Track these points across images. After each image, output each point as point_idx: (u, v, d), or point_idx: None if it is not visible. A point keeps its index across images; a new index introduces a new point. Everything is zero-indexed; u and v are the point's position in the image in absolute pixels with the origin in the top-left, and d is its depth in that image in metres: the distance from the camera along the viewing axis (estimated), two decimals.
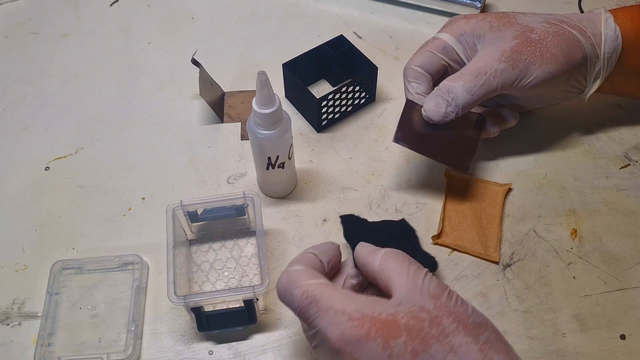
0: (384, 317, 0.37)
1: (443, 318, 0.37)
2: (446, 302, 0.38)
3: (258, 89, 0.48)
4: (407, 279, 0.39)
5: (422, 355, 0.35)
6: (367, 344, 0.36)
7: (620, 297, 0.52)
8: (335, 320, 0.37)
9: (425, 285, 0.39)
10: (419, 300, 0.38)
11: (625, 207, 0.58)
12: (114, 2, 0.78)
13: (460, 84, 0.51)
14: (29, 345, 0.50)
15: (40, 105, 0.67)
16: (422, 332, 0.36)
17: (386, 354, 0.36)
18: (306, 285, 0.40)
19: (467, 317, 0.37)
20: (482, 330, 0.37)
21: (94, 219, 0.58)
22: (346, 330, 0.37)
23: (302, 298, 0.39)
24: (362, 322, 0.37)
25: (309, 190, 0.60)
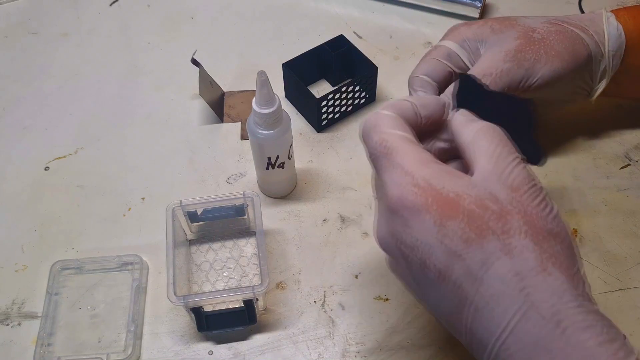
0: (448, 194, 0.34)
1: (512, 214, 0.34)
2: (525, 198, 0.34)
3: (258, 88, 0.48)
4: (492, 162, 0.36)
5: (474, 246, 0.33)
6: (421, 214, 0.34)
7: (621, 297, 0.52)
8: (400, 180, 0.36)
9: (508, 173, 0.35)
10: (494, 188, 0.35)
11: (626, 207, 0.58)
12: (114, 2, 0.78)
13: None
14: (29, 345, 0.50)
15: (40, 105, 0.67)
16: (482, 222, 0.33)
17: (438, 232, 0.34)
18: (386, 134, 0.37)
19: (542, 222, 0.34)
20: (553, 240, 0.34)
21: (93, 219, 0.58)
22: (406, 195, 0.35)
23: (377, 145, 0.37)
24: (424, 191, 0.35)
25: (309, 190, 0.60)
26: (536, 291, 0.32)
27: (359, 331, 0.51)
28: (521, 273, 0.33)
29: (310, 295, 0.53)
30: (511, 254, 0.33)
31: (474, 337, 0.34)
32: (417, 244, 0.35)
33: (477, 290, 0.33)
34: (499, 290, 0.33)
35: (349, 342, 0.50)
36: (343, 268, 0.54)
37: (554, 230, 0.34)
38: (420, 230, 0.35)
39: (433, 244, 0.34)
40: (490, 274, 0.33)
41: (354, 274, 0.54)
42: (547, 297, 0.32)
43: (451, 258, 0.34)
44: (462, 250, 0.33)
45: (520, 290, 0.32)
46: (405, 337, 0.50)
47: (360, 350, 0.50)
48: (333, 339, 0.50)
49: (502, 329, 0.33)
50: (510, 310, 0.32)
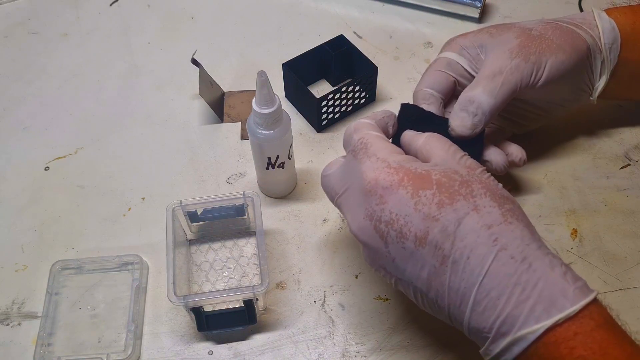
0: (419, 171, 0.40)
1: (473, 183, 0.40)
2: (479, 174, 0.41)
3: (258, 88, 0.48)
4: (446, 153, 0.43)
5: (447, 207, 0.38)
6: (397, 190, 0.39)
7: (621, 297, 0.52)
8: (374, 165, 0.41)
9: (462, 159, 0.42)
10: (454, 166, 0.41)
11: (626, 207, 0.58)
12: (114, 2, 0.78)
13: (480, 90, 0.50)
14: (29, 345, 0.50)
15: (40, 105, 0.67)
16: (451, 189, 0.39)
17: (413, 202, 0.39)
18: (365, 133, 0.44)
19: (496, 189, 0.40)
20: (507, 201, 0.39)
21: (93, 219, 0.58)
22: (381, 175, 0.40)
23: (357, 142, 0.43)
24: (397, 170, 0.40)
25: (309, 190, 0.60)
26: (503, 237, 0.37)
27: (359, 331, 0.51)
28: (488, 224, 0.38)
29: (310, 295, 0.53)
30: (478, 210, 0.38)
31: (455, 293, 0.38)
32: (394, 217, 0.39)
33: (453, 245, 0.38)
34: (472, 241, 0.37)
35: (349, 342, 0.50)
36: (343, 268, 0.54)
37: (505, 195, 0.40)
38: (397, 203, 0.39)
39: (409, 212, 0.39)
40: (462, 228, 0.38)
41: (354, 274, 0.54)
42: (513, 241, 0.37)
43: (427, 221, 0.38)
44: (436, 212, 0.38)
45: (490, 238, 0.37)
46: (405, 337, 0.50)
47: (360, 350, 0.50)
48: (333, 339, 0.50)
49: (478, 274, 0.37)
50: (484, 256, 0.37)
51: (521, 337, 0.36)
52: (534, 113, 0.57)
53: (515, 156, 0.54)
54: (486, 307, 0.37)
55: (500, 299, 0.36)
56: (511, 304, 0.36)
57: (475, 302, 0.37)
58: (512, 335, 0.36)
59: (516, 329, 0.36)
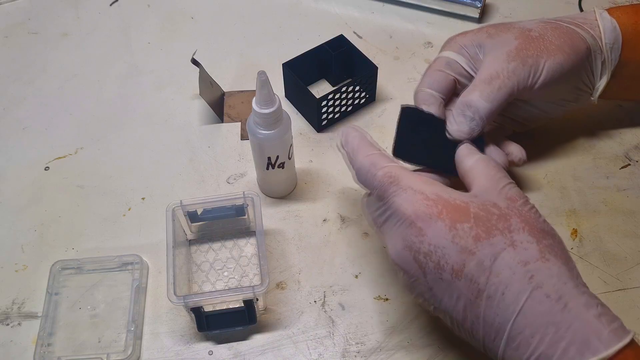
0: (457, 202, 0.40)
1: (512, 217, 0.40)
2: (520, 206, 0.40)
3: (258, 88, 0.48)
4: (489, 182, 0.42)
5: (484, 242, 0.38)
6: (436, 222, 0.40)
7: (621, 297, 0.52)
8: (412, 198, 0.41)
9: (504, 189, 0.42)
10: (494, 199, 0.41)
11: (626, 207, 0.58)
12: (114, 2, 0.78)
13: (477, 94, 0.50)
14: (29, 345, 0.50)
15: (40, 105, 0.67)
16: (488, 223, 0.39)
17: (451, 234, 0.39)
18: (389, 167, 0.43)
19: (536, 223, 0.40)
20: (547, 236, 0.39)
21: (93, 219, 0.58)
22: (420, 207, 0.40)
23: (384, 178, 0.43)
24: (435, 202, 0.40)
25: (309, 190, 0.60)
26: (539, 275, 0.37)
27: (359, 331, 0.51)
28: (525, 261, 0.38)
29: (310, 295, 0.53)
30: (515, 246, 0.38)
31: (490, 327, 0.38)
32: (432, 249, 0.40)
33: (489, 280, 0.38)
34: (508, 277, 0.37)
35: (349, 342, 0.50)
36: (343, 268, 0.54)
37: (546, 229, 0.40)
38: (435, 235, 0.39)
39: (447, 245, 0.39)
40: (498, 263, 0.38)
41: (354, 274, 0.54)
42: (549, 279, 0.37)
43: (464, 255, 0.39)
44: (473, 246, 0.38)
45: (526, 275, 0.37)
46: (405, 337, 0.50)
47: (360, 350, 0.50)
48: (333, 339, 0.50)
49: (512, 311, 0.37)
50: (519, 293, 0.37)
51: None
52: (534, 112, 0.57)
53: (515, 156, 0.54)
54: (520, 343, 0.37)
55: (534, 337, 0.36)
56: (545, 344, 0.36)
57: (509, 338, 0.37)
58: None
59: None
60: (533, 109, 0.57)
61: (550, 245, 0.39)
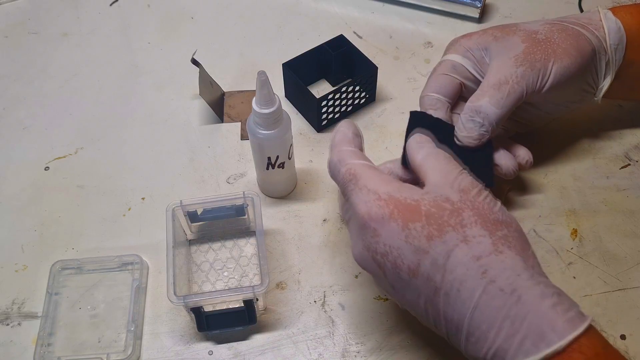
0: (408, 201, 0.40)
1: (464, 210, 0.39)
2: (473, 197, 0.40)
3: (258, 88, 0.48)
4: (441, 175, 0.42)
5: (436, 240, 0.38)
6: (389, 222, 0.40)
7: (621, 297, 0.52)
8: (365, 198, 0.41)
9: (457, 180, 0.41)
10: (446, 192, 0.40)
11: (626, 207, 0.58)
12: (114, 2, 0.78)
13: (486, 100, 0.50)
14: (29, 345, 0.50)
15: (40, 105, 0.67)
16: (440, 220, 0.39)
17: (404, 234, 0.39)
18: (351, 164, 0.43)
19: (490, 213, 0.39)
20: (501, 227, 0.39)
21: (93, 219, 0.58)
22: (372, 208, 0.40)
23: (345, 174, 0.43)
24: (387, 203, 0.40)
25: (309, 190, 0.60)
26: (492, 269, 0.37)
27: (359, 331, 0.51)
28: (477, 256, 0.38)
29: (310, 295, 0.53)
30: (468, 241, 0.38)
31: (450, 322, 0.38)
32: (388, 249, 0.40)
33: (444, 277, 0.38)
34: (462, 274, 0.37)
35: (349, 342, 0.50)
36: (343, 268, 0.54)
37: (501, 219, 0.40)
38: (389, 236, 0.40)
39: (401, 245, 0.39)
40: (452, 261, 0.38)
41: (354, 274, 0.54)
42: (502, 272, 0.37)
43: (418, 254, 0.39)
44: (426, 245, 0.38)
45: (479, 270, 0.37)
46: (405, 337, 0.50)
47: (360, 350, 0.50)
48: (333, 339, 0.50)
49: (468, 307, 0.37)
50: (474, 289, 0.37)
51: None
52: (538, 114, 0.57)
53: (522, 158, 0.54)
54: (478, 338, 0.37)
55: (490, 332, 0.37)
56: (501, 338, 0.36)
57: (468, 333, 0.38)
58: None
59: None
60: (537, 110, 0.56)
61: (505, 236, 0.38)
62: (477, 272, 0.37)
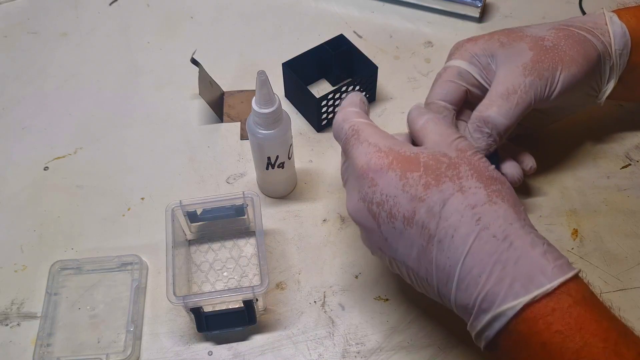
0: (407, 154, 0.41)
1: (461, 165, 0.40)
2: (470, 156, 0.41)
3: (258, 88, 0.48)
4: (440, 136, 0.43)
5: (433, 189, 0.39)
6: (387, 172, 0.41)
7: (621, 297, 0.52)
8: (365, 150, 0.42)
9: (455, 142, 0.42)
10: (445, 149, 0.42)
11: (626, 207, 0.58)
12: (113, 2, 0.78)
13: (495, 110, 0.49)
14: (28, 345, 0.50)
15: (39, 105, 0.67)
16: (437, 171, 0.40)
17: (402, 183, 0.40)
18: (354, 121, 0.45)
19: (485, 170, 0.41)
20: (495, 182, 0.40)
21: (93, 219, 0.58)
22: (372, 159, 0.42)
23: (348, 130, 0.44)
24: (387, 154, 0.41)
25: (309, 190, 0.60)
26: (486, 217, 0.38)
27: (359, 331, 0.51)
28: (472, 204, 0.39)
29: (310, 295, 0.53)
30: (463, 191, 0.39)
31: (442, 271, 0.39)
32: (384, 198, 0.41)
33: (438, 225, 0.39)
34: (456, 220, 0.39)
35: (349, 342, 0.50)
36: (343, 268, 0.54)
37: (494, 176, 0.41)
38: (386, 185, 0.41)
39: (398, 194, 0.40)
40: (447, 208, 0.39)
41: (354, 274, 0.54)
42: (495, 220, 0.38)
43: (414, 202, 0.40)
44: (422, 194, 0.40)
45: (473, 217, 0.38)
46: (405, 337, 0.50)
47: (360, 350, 0.50)
48: (333, 339, 0.50)
49: (461, 252, 0.38)
50: (467, 235, 0.38)
51: (501, 313, 0.37)
52: (541, 118, 0.57)
53: (526, 165, 0.54)
54: (469, 284, 0.38)
55: (482, 276, 0.37)
56: (491, 281, 0.37)
57: (459, 280, 0.38)
58: (493, 312, 0.37)
59: (496, 305, 0.37)
60: (541, 115, 0.56)
61: (499, 190, 0.40)
62: (472, 220, 0.38)
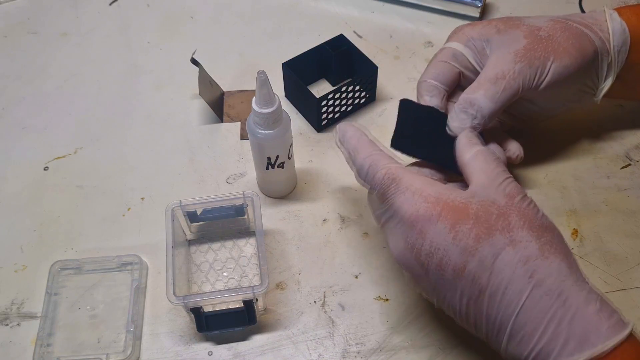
0: (456, 203, 0.41)
1: (511, 214, 0.40)
2: (519, 203, 0.41)
3: (257, 88, 0.48)
4: (487, 178, 0.42)
5: (484, 242, 0.39)
6: (436, 223, 0.40)
7: (621, 298, 0.52)
8: (412, 199, 0.42)
9: (502, 185, 0.42)
10: (493, 196, 0.41)
11: (626, 207, 0.58)
12: (113, 2, 0.78)
13: (481, 93, 0.50)
14: (28, 345, 0.50)
15: (39, 105, 0.67)
16: (488, 222, 0.39)
17: (451, 235, 0.40)
18: (389, 167, 0.44)
19: (535, 219, 0.40)
20: (546, 232, 0.40)
21: (93, 219, 0.58)
22: (420, 209, 0.41)
23: (384, 178, 0.43)
24: (435, 204, 0.41)
25: (309, 190, 0.60)
26: (539, 272, 0.38)
27: (359, 331, 0.51)
28: (525, 259, 0.38)
29: (310, 295, 0.53)
30: (515, 244, 0.39)
31: (492, 323, 0.39)
32: (434, 250, 0.40)
33: (490, 279, 0.39)
34: (508, 276, 0.38)
35: (349, 343, 0.50)
36: (343, 268, 0.54)
37: (545, 224, 0.41)
38: (436, 236, 0.40)
39: (448, 246, 0.40)
40: (499, 262, 0.39)
41: (354, 274, 0.54)
42: (548, 276, 0.38)
43: (465, 255, 0.39)
44: (473, 246, 0.39)
45: (526, 273, 0.38)
46: (405, 337, 0.50)
47: (360, 350, 0.50)
48: (333, 339, 0.50)
49: (514, 308, 0.38)
50: (520, 291, 0.38)
51: None
52: (535, 110, 0.57)
53: (513, 153, 0.54)
54: (522, 339, 0.38)
55: (535, 333, 0.37)
56: (545, 339, 0.37)
57: (511, 334, 0.38)
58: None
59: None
60: (534, 107, 0.56)
61: (550, 241, 0.39)
62: (525, 275, 0.38)
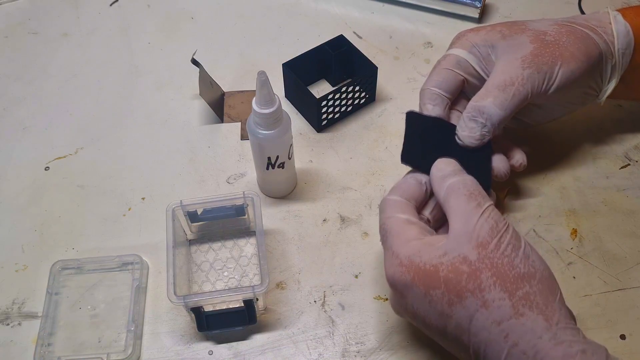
0: (427, 267, 0.41)
1: (482, 272, 0.39)
2: (492, 252, 0.39)
3: (258, 88, 0.48)
4: (460, 222, 0.41)
5: (457, 306, 0.39)
6: (411, 288, 0.41)
7: (620, 297, 0.52)
8: (390, 260, 0.43)
9: (476, 229, 0.40)
10: (465, 250, 0.40)
11: (626, 207, 0.58)
12: (114, 2, 0.78)
13: (490, 101, 0.49)
14: (29, 345, 0.50)
15: (40, 105, 0.67)
16: (459, 286, 0.39)
17: (427, 300, 0.41)
18: (386, 218, 0.45)
19: (510, 270, 0.39)
20: (522, 283, 0.39)
21: (93, 219, 0.58)
22: (396, 273, 0.42)
23: (380, 229, 0.45)
24: (408, 269, 0.41)
25: (309, 190, 0.60)
26: (513, 333, 0.38)
27: (358, 331, 0.51)
28: (499, 321, 0.38)
29: (310, 295, 0.53)
30: (487, 306, 0.39)
31: None
32: (416, 310, 0.42)
33: (470, 340, 0.40)
34: (486, 337, 0.39)
35: (348, 342, 0.50)
36: (343, 268, 0.54)
37: (522, 272, 0.39)
38: (414, 300, 0.42)
39: (426, 309, 0.41)
40: (474, 325, 0.39)
41: (354, 274, 0.54)
42: (524, 336, 0.38)
43: (443, 318, 0.40)
44: (448, 311, 0.40)
45: (501, 334, 0.38)
46: (405, 337, 0.50)
47: (360, 350, 0.50)
48: (333, 338, 0.50)
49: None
50: (498, 352, 0.38)
51: None
52: (539, 114, 0.57)
53: (516, 161, 0.54)
54: None
55: None
56: None
57: None
58: None
59: None
60: (538, 110, 0.56)
61: (526, 294, 0.38)
62: (500, 336, 0.38)
